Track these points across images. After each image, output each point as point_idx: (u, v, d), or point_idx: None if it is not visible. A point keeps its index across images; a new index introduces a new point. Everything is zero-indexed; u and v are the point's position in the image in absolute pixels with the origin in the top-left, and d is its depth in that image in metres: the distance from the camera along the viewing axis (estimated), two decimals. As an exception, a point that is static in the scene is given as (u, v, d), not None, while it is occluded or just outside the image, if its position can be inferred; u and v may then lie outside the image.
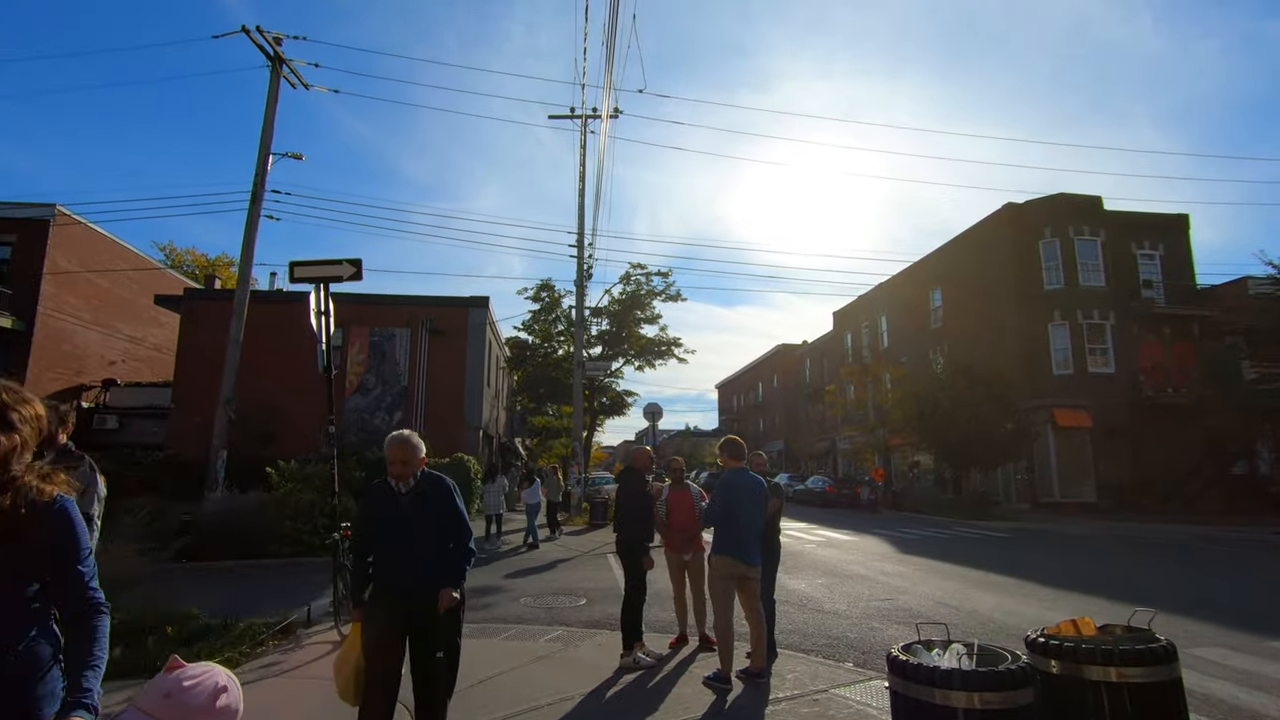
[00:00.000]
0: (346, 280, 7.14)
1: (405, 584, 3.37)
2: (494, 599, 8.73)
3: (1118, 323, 26.31)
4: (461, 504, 3.56)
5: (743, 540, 5.07)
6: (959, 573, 10.59)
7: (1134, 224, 27.65)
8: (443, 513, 3.46)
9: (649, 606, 6.40)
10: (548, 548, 13.99)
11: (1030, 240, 27.02)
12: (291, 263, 6.99)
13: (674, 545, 6.21)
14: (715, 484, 5.27)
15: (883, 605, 8.11)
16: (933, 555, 12.84)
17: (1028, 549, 14.15)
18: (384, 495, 3.46)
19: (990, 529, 18.40)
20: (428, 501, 3.43)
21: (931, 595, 8.72)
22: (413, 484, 3.42)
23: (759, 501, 5.21)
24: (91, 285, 24.73)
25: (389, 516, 3.41)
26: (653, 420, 20.77)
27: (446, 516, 3.47)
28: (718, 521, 5.12)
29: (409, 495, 3.41)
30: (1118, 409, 25.27)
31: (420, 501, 3.41)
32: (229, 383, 15.07)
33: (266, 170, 16.39)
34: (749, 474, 5.28)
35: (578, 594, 8.93)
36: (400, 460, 3.37)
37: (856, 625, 7.13)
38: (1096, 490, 24.70)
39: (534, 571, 10.99)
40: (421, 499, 3.42)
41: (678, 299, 23.75)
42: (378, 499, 3.49)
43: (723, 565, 5.05)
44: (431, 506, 3.43)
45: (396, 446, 3.39)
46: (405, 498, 3.41)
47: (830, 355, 45.74)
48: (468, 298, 23.44)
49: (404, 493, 3.41)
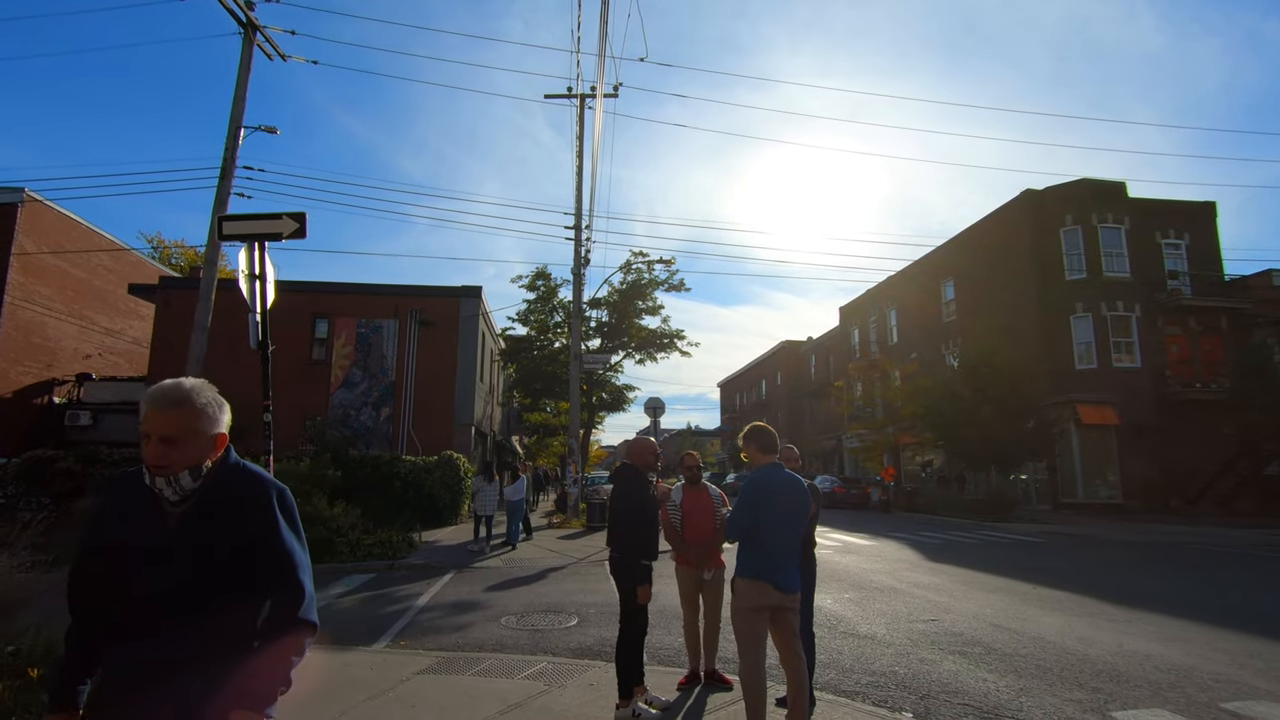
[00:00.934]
0: (288, 238, 5.89)
1: (148, 699, 1.61)
2: (471, 618, 7.50)
3: (1143, 315, 25.03)
4: (291, 529, 1.80)
5: (777, 559, 3.84)
6: (1003, 585, 9.34)
7: (1159, 211, 26.37)
8: (244, 547, 1.71)
9: (652, 628, 5.19)
10: (534, 552, 12.75)
11: (1051, 228, 25.75)
12: (220, 217, 5.78)
13: (688, 559, 4.98)
14: (742, 485, 4.03)
15: (927, 628, 6.87)
16: (965, 563, 11.60)
17: (1069, 556, 12.90)
18: (131, 504, 1.72)
19: (1017, 533, 17.15)
20: (216, 525, 1.70)
21: (980, 614, 7.47)
22: (190, 485, 1.72)
23: (799, 507, 3.97)
24: (65, 275, 23.52)
25: (138, 547, 1.66)
26: (655, 416, 19.52)
27: (249, 553, 1.72)
28: (745, 534, 3.89)
29: (182, 507, 1.71)
30: (1144, 405, 24.01)
31: (201, 524, 1.70)
32: (194, 373, 13.84)
33: (238, 144, 15.18)
34: (785, 471, 4.04)
35: (568, 611, 7.70)
36: (163, 435, 1.67)
37: (903, 656, 5.89)
38: (1123, 490, 23.44)
39: (521, 583, 9.76)
40: (205, 520, 1.70)
41: (680, 288, 22.49)
42: (116, 512, 1.73)
43: (751, 593, 3.81)
44: (223, 534, 1.70)
45: (156, 409, 1.69)
46: (174, 511, 1.71)
47: (836, 352, 44.49)
48: (459, 287, 22.21)
49: (172, 501, 1.71)
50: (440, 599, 8.64)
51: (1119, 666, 5.52)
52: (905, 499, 27.30)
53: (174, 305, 20.93)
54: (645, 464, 4.64)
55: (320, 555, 11.23)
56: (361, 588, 9.52)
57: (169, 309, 20.91)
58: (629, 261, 22.33)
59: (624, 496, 4.48)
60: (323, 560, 11.13)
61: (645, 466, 4.63)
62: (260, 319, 5.83)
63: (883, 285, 37.81)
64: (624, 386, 26.29)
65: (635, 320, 23.07)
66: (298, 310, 21.62)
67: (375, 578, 10.38)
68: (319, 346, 21.69)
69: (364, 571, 10.80)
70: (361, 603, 8.53)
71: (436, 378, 21.59)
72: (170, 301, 21.14)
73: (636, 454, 4.67)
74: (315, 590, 1.85)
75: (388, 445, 20.63)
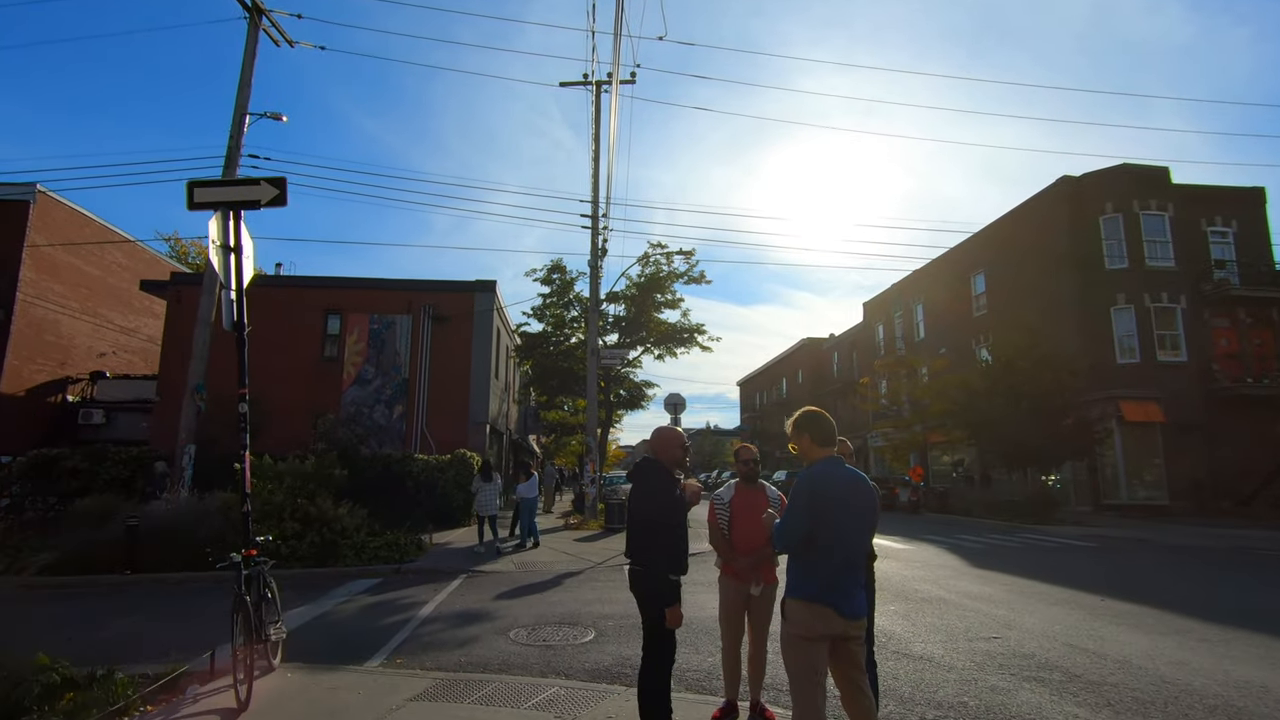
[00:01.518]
0: (266, 205, 5.24)
1: None
2: (477, 631, 6.80)
3: (1189, 306, 23.75)
4: None
5: (840, 576, 3.08)
6: (1066, 597, 8.45)
7: (1204, 197, 25.04)
8: None
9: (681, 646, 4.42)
10: (549, 555, 12.04)
11: (1089, 216, 24.55)
12: (189, 182, 5.13)
13: (736, 570, 4.20)
14: (794, 484, 3.27)
15: (992, 648, 6.04)
16: (1014, 570, 10.70)
17: (1127, 562, 11.93)
18: None
19: (1061, 536, 16.13)
20: None
21: (1048, 631, 6.62)
22: None
23: (866, 511, 3.21)
24: (79, 272, 23.33)
25: None
26: (675, 413, 18.77)
27: None
28: (799, 546, 3.13)
29: None
30: (1190, 401, 22.76)
31: None
32: (198, 369, 13.37)
33: (243, 131, 14.75)
34: (846, 468, 3.28)
35: (584, 624, 6.97)
36: None
37: (970, 683, 5.08)
38: (1169, 491, 22.22)
39: (533, 590, 9.06)
40: None
41: (701, 280, 21.59)
42: None
43: (807, 618, 3.05)
44: None
45: None
46: None
47: (860, 348, 43.38)
48: (473, 281, 21.60)
49: None
50: (446, 608, 7.96)
51: (1234, 700, 4.67)
52: (937, 500, 26.23)
53: (185, 301, 20.54)
54: (672, 458, 3.85)
55: (323, 559, 10.65)
56: (364, 594, 8.88)
57: (180, 305, 20.54)
58: (647, 254, 21.58)
59: (648, 497, 3.69)
60: (326, 564, 10.54)
61: (672, 462, 3.84)
62: (236, 296, 5.19)
63: (908, 280, 36.67)
64: (642, 383, 25.52)
65: (654, 314, 22.28)
66: (309, 306, 21.20)
67: (380, 583, 9.75)
68: (331, 343, 21.22)
69: (369, 576, 10.18)
70: (361, 612, 7.88)
71: (451, 374, 21.01)
72: (181, 298, 20.77)
73: (662, 446, 3.89)
74: (315, 596, 1.16)
75: (401, 444, 20.10)
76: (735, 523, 4.22)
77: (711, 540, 4.37)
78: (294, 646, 6.09)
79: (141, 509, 11.03)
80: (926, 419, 28.10)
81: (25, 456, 15.64)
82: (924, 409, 28.18)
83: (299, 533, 10.70)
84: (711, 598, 8.05)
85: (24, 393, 21.24)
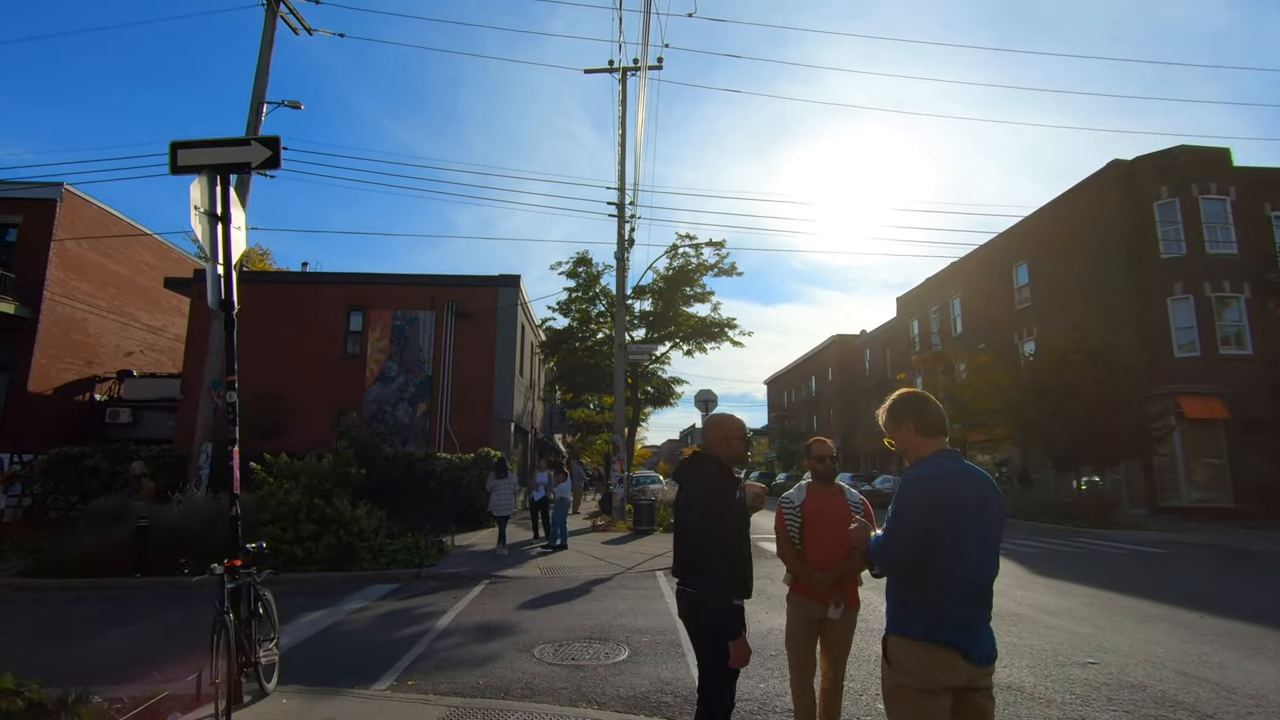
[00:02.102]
0: (258, 169, 4.64)
1: None
2: (499, 647, 6.14)
3: (1253, 296, 22.27)
4: None
5: (964, 608, 2.33)
6: (1155, 612, 7.52)
7: (1269, 181, 23.46)
8: None
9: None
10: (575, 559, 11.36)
11: (1143, 202, 23.16)
12: (173, 143, 4.55)
13: (810, 589, 3.43)
14: (898, 488, 2.51)
15: (1091, 676, 5.19)
16: (1085, 579, 9.75)
17: (1212, 571, 10.89)
18: None
19: (1126, 541, 15.01)
20: None
21: (1150, 655, 5.75)
22: None
23: (993, 520, 2.45)
24: (106, 271, 23.31)
25: None
26: (706, 411, 17.99)
27: None
28: (907, 567, 2.39)
29: None
30: (1256, 397, 21.30)
31: None
32: (214, 365, 12.98)
33: (260, 120, 14.35)
34: (964, 464, 2.51)
35: (616, 639, 6.27)
36: None
37: (1079, 722, 4.26)
38: (1234, 492, 20.82)
39: (561, 599, 8.38)
40: None
41: (732, 273, 20.76)
42: None
43: (923, 663, 2.30)
44: None
45: None
46: None
47: (894, 345, 42.08)
48: (497, 276, 21.07)
49: None
50: (466, 619, 7.32)
51: None
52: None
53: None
54: (731, 453, 3.07)
55: (340, 562, 10.11)
56: (380, 601, 8.31)
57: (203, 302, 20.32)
58: (675, 245, 20.82)
59: (703, 500, 2.92)
60: (342, 567, 10.00)
61: (731, 457, 3.07)
62: (224, 270, 4.58)
63: (945, 273, 35.37)
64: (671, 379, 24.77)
65: (683, 308, 21.52)
66: (331, 302, 20.87)
67: (398, 588, 9.17)
68: (353, 340, 20.86)
69: (386, 581, 9.61)
70: (375, 622, 7.28)
71: (474, 371, 20.51)
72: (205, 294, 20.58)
73: (718, 437, 3.11)
74: (329, 603, 0.48)
75: (425, 442, 19.64)
76: (808, 531, 3.46)
77: (780, 551, 3.60)
78: (299, 662, 5.53)
79: (153, 509, 10.61)
80: (966, 417, 26.88)
81: (46, 455, 15.45)
82: (964, 406, 26.97)
83: (315, 534, 10.18)
84: (759, 609, 7.32)
85: (51, 391, 21.23)
